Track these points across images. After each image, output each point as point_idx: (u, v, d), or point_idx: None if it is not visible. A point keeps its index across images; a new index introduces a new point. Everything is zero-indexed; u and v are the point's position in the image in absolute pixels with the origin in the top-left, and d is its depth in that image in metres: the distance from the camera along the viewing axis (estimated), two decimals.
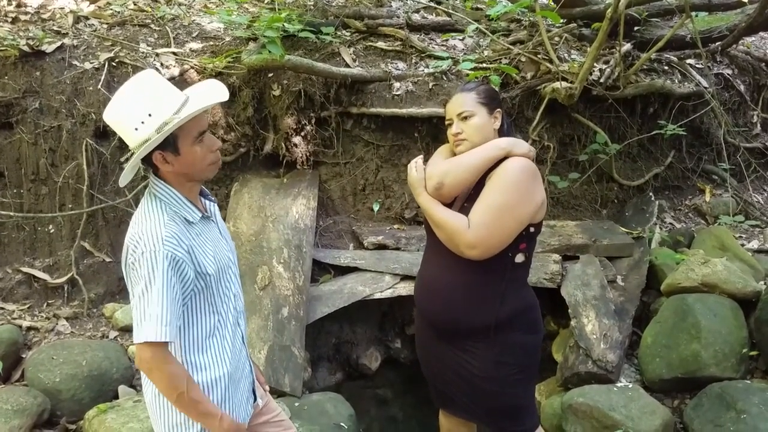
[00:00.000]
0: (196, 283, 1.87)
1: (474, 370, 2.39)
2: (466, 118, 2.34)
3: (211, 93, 1.92)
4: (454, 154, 2.41)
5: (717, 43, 4.89)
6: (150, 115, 1.79)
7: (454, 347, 2.42)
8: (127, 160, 1.91)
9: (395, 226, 4.30)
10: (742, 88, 5.17)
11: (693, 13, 4.37)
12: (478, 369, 2.38)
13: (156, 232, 1.79)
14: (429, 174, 2.35)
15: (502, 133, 2.41)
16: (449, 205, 2.34)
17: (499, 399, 2.43)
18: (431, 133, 4.26)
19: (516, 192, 2.21)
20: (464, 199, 2.34)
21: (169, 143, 1.82)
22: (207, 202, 2.06)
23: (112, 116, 1.85)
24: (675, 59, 4.83)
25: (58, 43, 3.94)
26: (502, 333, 2.33)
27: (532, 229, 2.31)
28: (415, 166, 2.41)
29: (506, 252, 2.27)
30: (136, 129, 1.80)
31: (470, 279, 2.31)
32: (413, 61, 4.39)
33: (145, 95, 1.81)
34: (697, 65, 4.94)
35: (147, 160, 1.86)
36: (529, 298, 2.45)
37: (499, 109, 2.38)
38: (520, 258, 2.32)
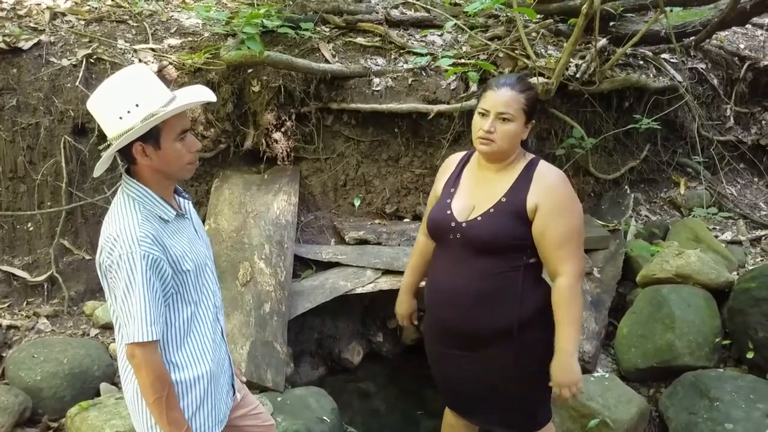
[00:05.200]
0: (175, 280, 1.89)
1: (496, 372, 2.36)
2: (505, 119, 2.23)
3: (199, 93, 1.94)
4: (464, 162, 2.45)
5: (691, 38, 4.96)
6: (137, 105, 1.80)
7: (476, 353, 2.38)
8: (105, 149, 1.91)
9: (376, 221, 4.33)
10: (715, 82, 5.25)
11: (667, 9, 4.43)
12: (500, 370, 2.35)
13: (131, 232, 1.79)
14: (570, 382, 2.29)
15: (524, 144, 2.39)
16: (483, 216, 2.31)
17: (519, 398, 2.42)
18: (411, 129, 4.29)
19: (576, 211, 2.29)
20: (493, 205, 2.30)
21: (152, 136, 1.83)
22: (181, 199, 2.07)
23: (97, 103, 1.84)
24: (650, 54, 4.90)
25: (35, 40, 3.90)
26: (523, 333, 2.31)
27: None
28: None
29: (521, 256, 2.28)
30: (121, 118, 1.80)
31: (489, 283, 2.29)
32: (392, 56, 4.41)
33: (134, 86, 1.82)
34: (671, 60, 5.02)
35: (125, 152, 1.86)
36: (547, 296, 2.37)
37: (533, 121, 2.32)
38: (533, 259, 2.31)
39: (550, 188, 2.26)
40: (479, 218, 2.28)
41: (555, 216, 2.23)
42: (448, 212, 2.36)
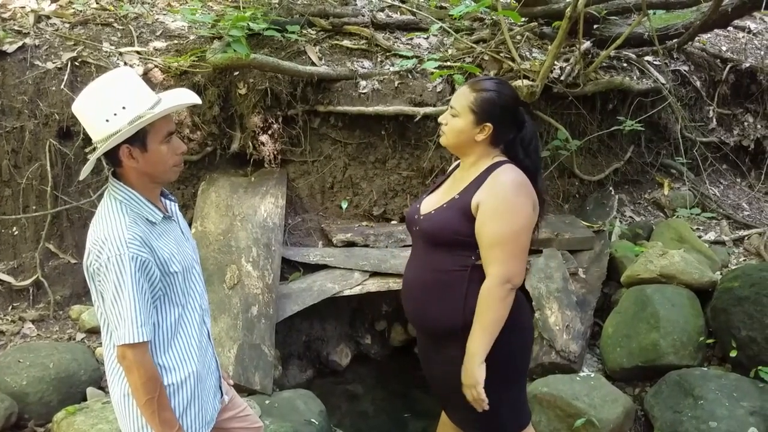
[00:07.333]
0: (163, 282, 1.89)
1: (455, 373, 2.28)
2: (453, 114, 2.28)
3: (184, 96, 1.95)
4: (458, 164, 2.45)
5: (674, 40, 5.00)
6: (124, 107, 1.80)
7: (438, 351, 2.37)
8: (91, 152, 1.92)
9: (363, 223, 4.34)
10: (698, 83, 5.31)
11: (650, 11, 4.48)
12: (455, 371, 2.28)
13: (119, 235, 1.79)
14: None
15: (496, 144, 2.31)
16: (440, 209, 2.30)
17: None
18: (398, 131, 4.31)
19: (517, 217, 2.19)
20: (447, 201, 2.29)
21: (138, 138, 1.83)
22: (167, 202, 2.07)
23: (83, 106, 1.84)
24: (633, 56, 4.94)
25: (20, 43, 3.89)
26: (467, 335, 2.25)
27: None
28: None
29: (469, 255, 2.24)
30: (107, 120, 1.80)
31: (436, 278, 2.29)
32: (379, 59, 4.43)
33: (121, 89, 1.83)
34: (654, 62, 5.07)
35: (111, 155, 1.86)
36: None
37: (489, 124, 2.22)
38: (481, 260, 2.25)
39: (495, 190, 2.21)
40: (433, 212, 2.31)
41: (491, 217, 2.19)
42: (418, 205, 2.42)
